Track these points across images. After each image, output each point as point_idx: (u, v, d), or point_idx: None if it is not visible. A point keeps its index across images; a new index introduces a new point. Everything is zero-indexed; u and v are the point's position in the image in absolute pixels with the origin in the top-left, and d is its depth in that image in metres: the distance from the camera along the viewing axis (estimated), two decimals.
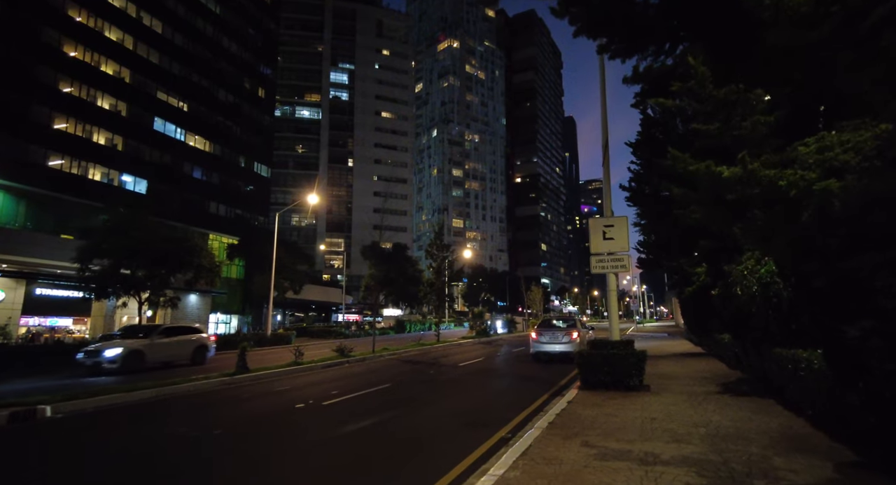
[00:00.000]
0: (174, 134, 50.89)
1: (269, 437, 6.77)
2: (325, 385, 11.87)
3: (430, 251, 27.41)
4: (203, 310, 51.50)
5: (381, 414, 8.00)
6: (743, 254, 8.40)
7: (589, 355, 9.03)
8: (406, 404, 8.94)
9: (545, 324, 17.60)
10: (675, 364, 13.64)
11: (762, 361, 8.25)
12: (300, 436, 6.84)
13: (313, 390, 11.07)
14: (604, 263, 9.67)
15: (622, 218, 9.69)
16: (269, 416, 8.32)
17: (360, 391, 10.47)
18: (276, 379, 13.24)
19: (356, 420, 7.52)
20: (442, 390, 10.70)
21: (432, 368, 15.45)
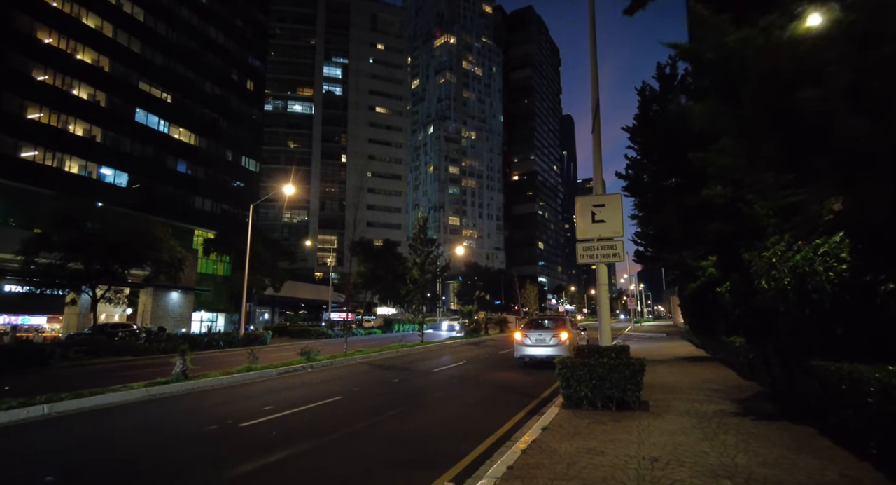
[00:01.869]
0: (157, 126, 49.06)
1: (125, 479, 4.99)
2: (266, 397, 10.09)
3: (413, 246, 25.62)
4: (185, 308, 49.65)
5: (302, 442, 6.22)
6: (768, 237, 6.64)
7: (572, 365, 7.24)
8: (344, 426, 7.15)
9: (532, 324, 15.83)
10: (676, 371, 11.86)
11: (791, 373, 6.48)
12: (170, 481, 5.05)
13: (245, 405, 9.30)
14: (592, 252, 7.90)
15: (615, 195, 7.91)
16: (159, 443, 6.52)
17: (298, 407, 8.68)
18: (217, 389, 11.45)
19: (263, 452, 5.73)
20: (398, 405, 8.91)
21: (401, 374, 13.67)
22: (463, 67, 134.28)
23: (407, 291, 25.57)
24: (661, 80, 14.31)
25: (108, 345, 20.14)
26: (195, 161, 53.46)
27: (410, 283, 25.14)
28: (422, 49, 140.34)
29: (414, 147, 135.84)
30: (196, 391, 11.11)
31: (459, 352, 21.32)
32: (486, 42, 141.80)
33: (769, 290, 5.98)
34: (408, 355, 20.02)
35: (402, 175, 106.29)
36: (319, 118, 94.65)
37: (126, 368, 16.14)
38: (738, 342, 10.54)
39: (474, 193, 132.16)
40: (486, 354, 19.92)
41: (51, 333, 37.98)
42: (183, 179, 51.69)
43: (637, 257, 17.26)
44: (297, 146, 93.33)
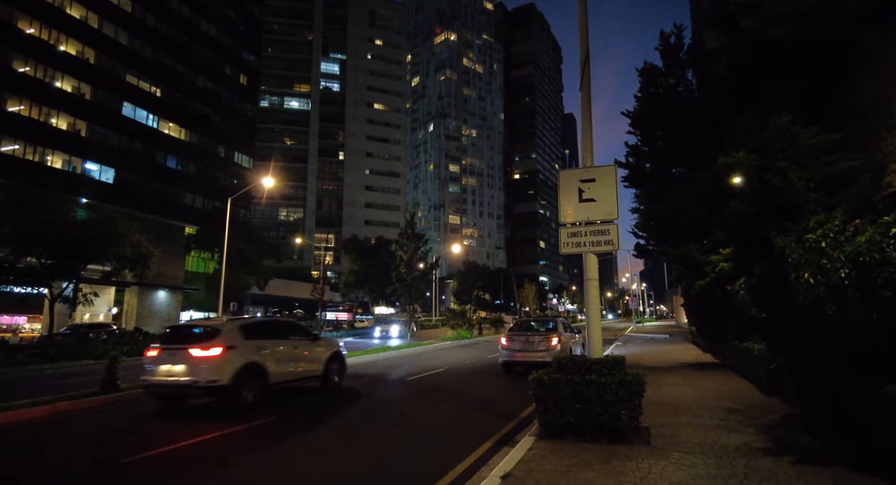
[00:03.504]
0: (146, 120, 47.58)
1: None
2: (189, 416, 8.53)
3: (399, 242, 24.06)
4: (173, 307, 48.27)
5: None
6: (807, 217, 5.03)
7: (552, 384, 5.63)
8: (255, 462, 5.58)
9: (520, 327, 14.23)
10: (682, 383, 10.23)
11: (837, 394, 4.86)
12: None
13: (156, 426, 7.74)
14: (579, 239, 6.29)
15: (608, 168, 6.30)
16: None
17: (213, 432, 7.09)
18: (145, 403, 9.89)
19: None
20: (343, 427, 7.31)
21: (367, 384, 12.08)
22: (464, 65, 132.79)
23: (393, 289, 24.00)
24: (665, 52, 12.69)
25: (68, 347, 18.61)
26: (186, 157, 52.06)
27: (396, 280, 23.58)
28: (422, 46, 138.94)
29: (414, 145, 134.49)
30: (118, 403, 9.55)
31: (445, 356, 19.72)
32: (487, 39, 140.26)
33: (816, 285, 4.38)
34: (388, 359, 18.43)
35: (401, 173, 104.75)
36: (316, 115, 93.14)
37: (69, 374, 14.61)
38: (757, 349, 8.91)
39: (475, 191, 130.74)
40: (473, 358, 18.32)
41: (29, 333, 36.62)
42: (173, 175, 50.31)
43: (637, 252, 15.65)
44: (293, 143, 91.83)
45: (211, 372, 8.29)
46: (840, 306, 4.29)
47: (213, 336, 8.72)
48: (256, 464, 5.41)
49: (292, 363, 9.98)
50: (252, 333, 9.36)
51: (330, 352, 11.06)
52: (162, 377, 8.65)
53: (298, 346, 10.35)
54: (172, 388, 8.64)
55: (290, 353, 10.02)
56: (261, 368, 9.00)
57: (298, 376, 10.16)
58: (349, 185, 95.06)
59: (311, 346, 10.72)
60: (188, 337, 9.13)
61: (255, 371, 8.87)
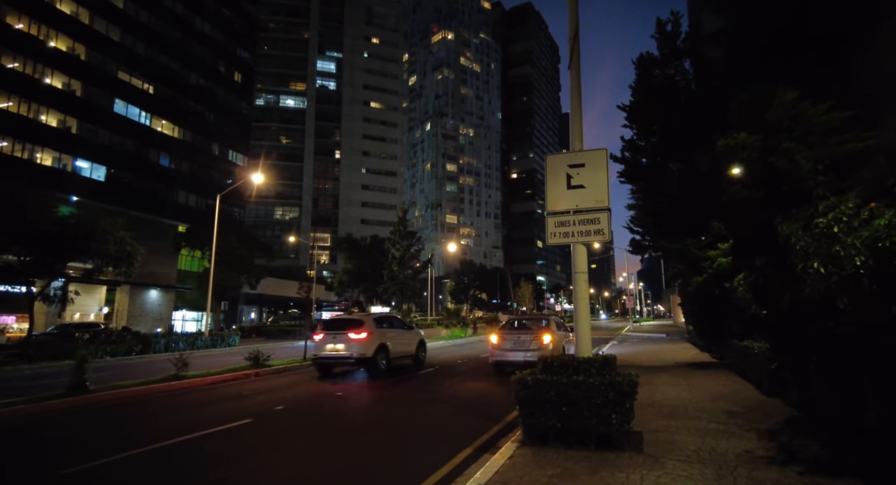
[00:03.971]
0: (138, 118, 46.95)
1: None
2: (162, 419, 8.06)
3: (392, 239, 23.55)
4: (165, 306, 47.68)
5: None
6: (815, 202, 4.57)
7: (535, 384, 5.15)
8: (391, 390, 5.11)
9: (511, 326, 13.73)
10: (679, 383, 9.76)
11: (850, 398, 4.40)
12: None
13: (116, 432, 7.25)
14: (567, 228, 5.82)
15: (598, 151, 5.83)
16: None
17: (184, 435, 6.61)
18: (117, 404, 9.39)
19: None
20: (311, 435, 6.84)
21: (353, 385, 11.61)
22: (461, 64, 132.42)
23: (384, 287, 23.48)
24: (662, 40, 12.22)
25: (48, 348, 18.06)
26: (179, 155, 51.48)
27: (388, 278, 23.05)
28: (419, 45, 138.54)
29: (411, 144, 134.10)
30: (85, 408, 9.04)
31: (438, 355, 19.24)
32: (485, 38, 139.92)
33: (827, 275, 3.92)
34: None
35: (398, 172, 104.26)
36: (312, 113, 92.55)
37: (47, 375, 14.08)
38: (758, 348, 8.45)
39: (472, 190, 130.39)
40: (465, 357, 17.84)
41: (17, 333, 36.00)
42: (165, 173, 49.73)
43: (633, 247, 15.16)
44: (289, 142, 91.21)
45: (362, 348, 12.57)
46: (854, 299, 3.83)
47: (360, 325, 12.91)
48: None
49: (401, 345, 14.16)
50: (380, 324, 13.74)
51: (418, 339, 15.31)
52: (328, 353, 12.89)
53: (403, 334, 14.66)
54: (335, 359, 12.93)
55: (399, 338, 14.24)
56: (387, 347, 13.24)
57: (403, 354, 14.32)
58: (345, 183, 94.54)
59: (408, 334, 15.01)
60: (343, 325, 13.14)
61: (384, 349, 13.15)
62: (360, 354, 12.46)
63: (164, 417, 8.24)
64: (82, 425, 7.83)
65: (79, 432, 7.43)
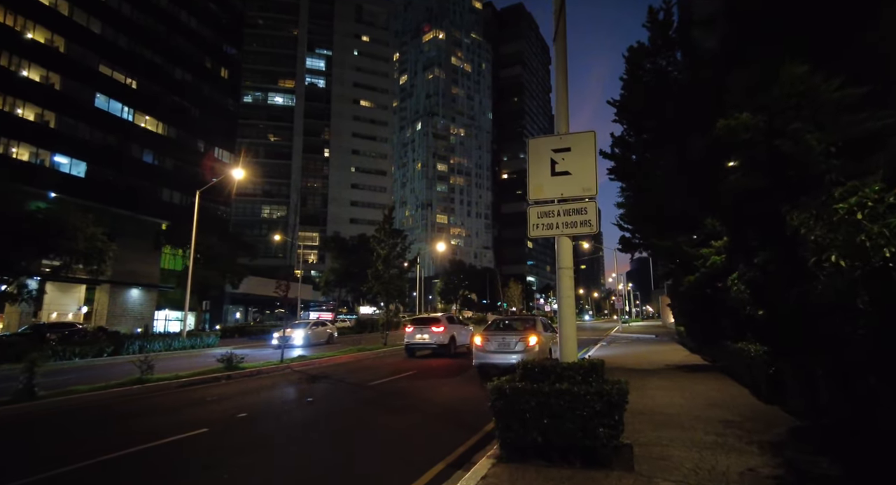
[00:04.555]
0: (120, 113, 45.78)
1: None
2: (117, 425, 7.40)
3: (377, 237, 22.92)
4: (146, 306, 46.57)
5: None
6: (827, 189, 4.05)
7: (514, 394, 4.59)
8: None
9: (495, 326, 13.17)
10: (670, 387, 9.26)
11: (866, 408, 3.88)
12: None
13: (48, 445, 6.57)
14: (551, 219, 5.27)
15: (585, 134, 5.28)
16: None
17: (108, 454, 5.94)
18: (70, 411, 8.69)
19: None
20: (267, 451, 6.21)
21: (328, 389, 10.99)
22: (452, 63, 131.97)
23: (368, 287, 22.83)
24: (654, 29, 11.75)
25: (11, 349, 17.18)
26: (163, 151, 50.37)
27: (372, 278, 22.41)
28: (410, 44, 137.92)
29: (402, 143, 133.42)
30: (25, 416, 8.30)
31: (420, 357, 18.64)
32: (476, 38, 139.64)
33: (849, 269, 3.38)
34: (361, 361, 17.31)
35: (388, 171, 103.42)
36: (301, 111, 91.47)
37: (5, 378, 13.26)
38: (754, 351, 7.96)
39: (463, 190, 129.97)
40: (450, 359, 17.25)
41: None
42: (149, 170, 48.61)
43: (623, 246, 14.68)
44: (277, 139, 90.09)
45: (441, 338, 17.67)
46: (877, 297, 3.31)
47: (439, 321, 18.22)
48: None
49: (461, 337, 18.87)
50: (451, 321, 19.00)
51: (471, 333, 18.25)
52: (416, 340, 18.03)
53: (462, 330, 19.35)
54: (421, 345, 18.01)
55: (461, 331, 19.12)
56: (455, 338, 18.22)
57: (462, 344, 18.81)
58: (334, 182, 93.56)
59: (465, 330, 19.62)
60: (427, 321, 18.47)
61: (454, 340, 18.12)
62: (439, 342, 17.64)
63: (111, 426, 7.57)
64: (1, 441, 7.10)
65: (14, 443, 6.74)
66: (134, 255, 43.74)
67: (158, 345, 21.92)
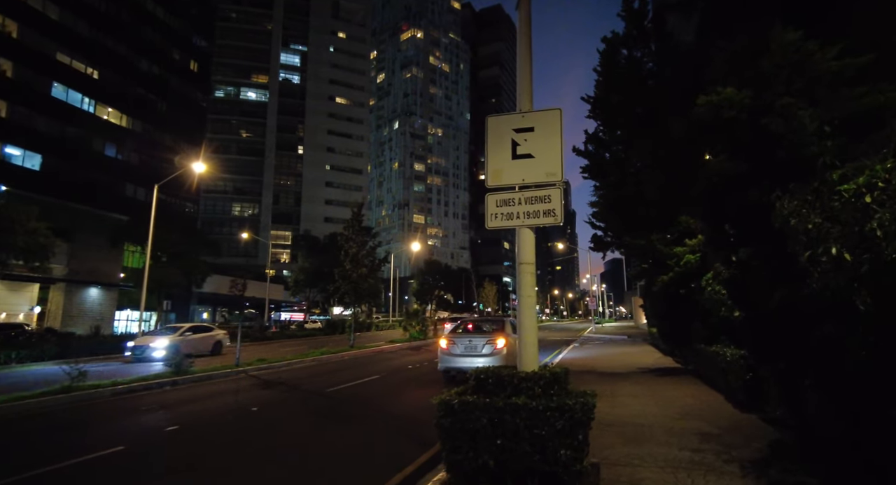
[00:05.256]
0: (80, 104, 43.70)
1: None
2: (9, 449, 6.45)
3: (345, 235, 22.07)
4: (106, 305, 44.45)
5: None
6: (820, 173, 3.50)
7: (463, 409, 3.93)
8: None
9: (462, 328, 12.52)
10: (643, 394, 8.75)
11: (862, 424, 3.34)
12: None
13: None
14: (512, 208, 4.63)
15: (550, 112, 4.67)
16: None
17: None
18: None
19: None
20: (187, 475, 5.42)
21: (278, 396, 10.17)
22: (430, 63, 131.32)
23: (335, 287, 21.95)
24: (629, 18, 11.29)
25: None
26: (127, 145, 48.36)
27: (339, 277, 21.54)
28: (388, 42, 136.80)
29: (379, 142, 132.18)
30: None
31: (388, 360, 17.88)
32: (455, 38, 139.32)
33: (854, 263, 2.83)
34: (321, 365, 16.46)
35: (364, 170, 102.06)
36: (275, 107, 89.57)
37: None
38: (730, 355, 7.49)
39: (440, 190, 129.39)
40: (417, 363, 16.54)
41: None
42: (112, 164, 46.58)
43: (595, 244, 14.22)
44: (249, 136, 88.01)
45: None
46: (883, 297, 2.75)
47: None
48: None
49: None
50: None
51: None
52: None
53: None
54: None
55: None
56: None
57: None
58: (309, 180, 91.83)
59: None
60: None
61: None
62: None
63: (17, 444, 6.63)
64: None
65: None
66: (94, 252, 41.79)
67: (108, 347, 20.62)
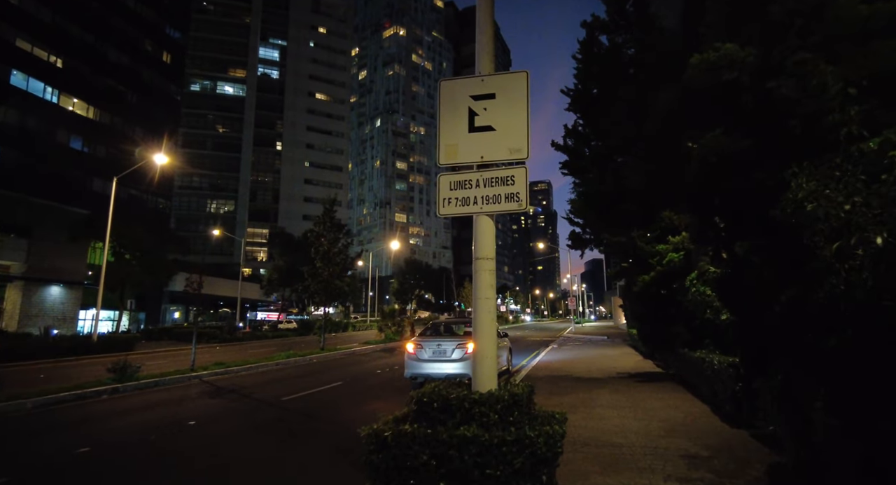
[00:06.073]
0: (42, 94, 41.68)
1: None
2: None
3: (315, 231, 21.10)
4: (69, 304, 42.46)
5: None
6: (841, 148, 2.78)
7: (399, 442, 3.12)
8: None
9: (434, 330, 11.70)
10: (622, 404, 8.05)
11: None
12: None
13: None
14: (468, 191, 3.84)
15: (515, 75, 3.89)
16: None
17: None
18: None
19: None
20: None
21: (227, 406, 9.24)
22: (413, 61, 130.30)
23: (305, 286, 20.95)
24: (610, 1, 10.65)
25: None
26: (94, 138, 46.43)
27: (308, 276, 20.55)
28: (370, 39, 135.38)
29: (361, 140, 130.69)
30: None
31: (357, 364, 16.97)
32: (437, 37, 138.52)
33: None
34: (284, 369, 15.48)
35: (344, 167, 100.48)
36: (253, 102, 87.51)
37: None
38: (717, 362, 6.81)
39: (422, 189, 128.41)
40: (387, 367, 15.67)
41: None
42: (78, 158, 44.63)
43: (573, 242, 13.52)
44: (226, 131, 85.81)
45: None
46: None
47: None
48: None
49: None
50: None
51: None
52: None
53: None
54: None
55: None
56: None
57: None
58: (287, 177, 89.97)
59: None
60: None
61: None
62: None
63: None
64: None
65: None
66: (56, 249, 39.88)
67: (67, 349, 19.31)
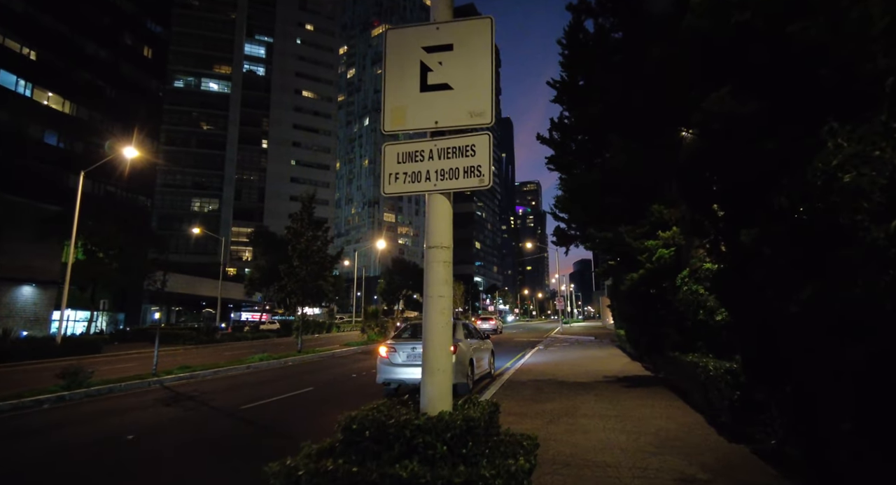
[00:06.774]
0: (14, 87, 40.25)
1: None
2: None
3: (292, 228, 20.28)
4: (42, 305, 41.01)
5: None
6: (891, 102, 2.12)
7: (315, 480, 2.41)
8: None
9: (409, 332, 10.97)
10: (608, 413, 7.38)
11: None
12: None
13: None
14: (419, 165, 3.13)
15: (478, 21, 3.19)
16: None
17: None
18: None
19: None
20: None
21: (188, 414, 8.44)
22: None
23: (281, 286, 20.13)
24: None
25: None
26: (71, 134, 45.05)
27: (285, 275, 19.73)
28: (359, 38, 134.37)
29: (349, 139, 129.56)
30: None
31: (334, 367, 16.19)
32: None
33: None
34: (254, 373, 14.65)
35: (331, 165, 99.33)
36: (238, 99, 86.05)
37: None
38: (713, 368, 6.17)
39: None
40: (364, 370, 14.88)
41: None
42: (53, 154, 43.24)
43: (558, 238, 12.86)
44: (210, 128, 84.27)
45: None
46: None
47: None
48: None
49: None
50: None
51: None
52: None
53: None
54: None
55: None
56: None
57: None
58: (273, 175, 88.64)
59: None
60: None
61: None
62: None
63: None
64: None
65: None
66: (28, 247, 38.51)
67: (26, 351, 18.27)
